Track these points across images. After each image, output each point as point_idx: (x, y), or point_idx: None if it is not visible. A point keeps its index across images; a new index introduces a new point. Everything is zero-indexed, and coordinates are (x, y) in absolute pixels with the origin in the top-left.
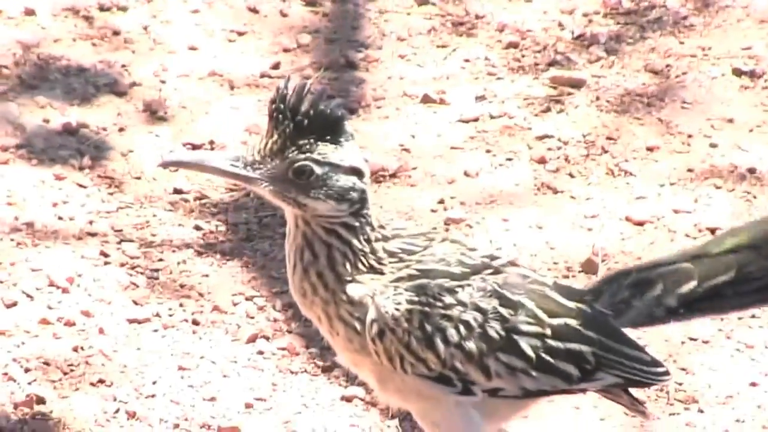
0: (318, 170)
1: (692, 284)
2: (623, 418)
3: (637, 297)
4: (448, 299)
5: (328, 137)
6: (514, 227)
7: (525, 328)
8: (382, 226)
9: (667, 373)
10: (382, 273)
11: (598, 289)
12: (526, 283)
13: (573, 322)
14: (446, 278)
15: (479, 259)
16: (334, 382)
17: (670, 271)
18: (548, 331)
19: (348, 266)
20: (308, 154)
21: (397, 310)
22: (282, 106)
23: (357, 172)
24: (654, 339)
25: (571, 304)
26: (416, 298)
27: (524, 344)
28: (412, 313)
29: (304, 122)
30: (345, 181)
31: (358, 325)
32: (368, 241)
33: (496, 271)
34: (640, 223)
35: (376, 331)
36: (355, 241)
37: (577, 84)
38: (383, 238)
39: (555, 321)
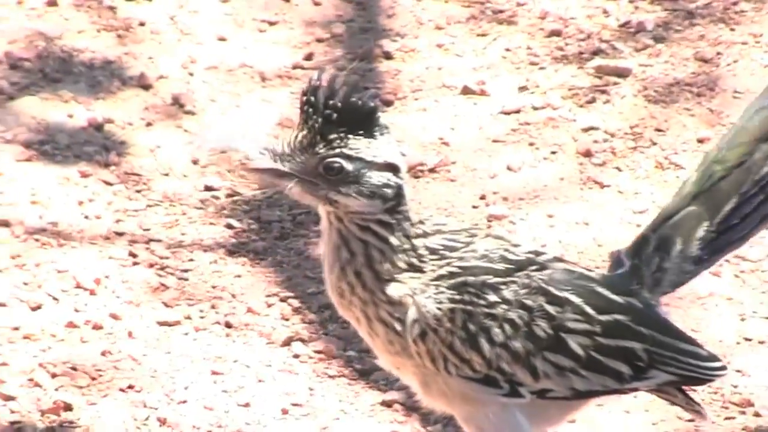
0: (348, 166)
1: (705, 225)
2: (677, 422)
3: (666, 259)
4: (492, 297)
5: (361, 131)
6: (559, 223)
7: (573, 325)
8: (422, 222)
9: (724, 368)
10: (422, 271)
11: (638, 270)
12: (573, 279)
13: (623, 318)
14: (489, 275)
15: (523, 255)
16: (373, 386)
17: (681, 218)
18: (597, 329)
19: (387, 264)
20: (339, 150)
21: (439, 309)
22: (313, 98)
23: (392, 168)
24: (708, 339)
25: (621, 299)
26: (459, 297)
27: (573, 343)
28: (454, 312)
29: (334, 115)
30: (378, 177)
31: (398, 326)
32: (407, 237)
33: (542, 267)
34: None
35: (418, 332)
36: (392, 239)
37: (623, 73)
38: (423, 234)
39: (604, 317)
